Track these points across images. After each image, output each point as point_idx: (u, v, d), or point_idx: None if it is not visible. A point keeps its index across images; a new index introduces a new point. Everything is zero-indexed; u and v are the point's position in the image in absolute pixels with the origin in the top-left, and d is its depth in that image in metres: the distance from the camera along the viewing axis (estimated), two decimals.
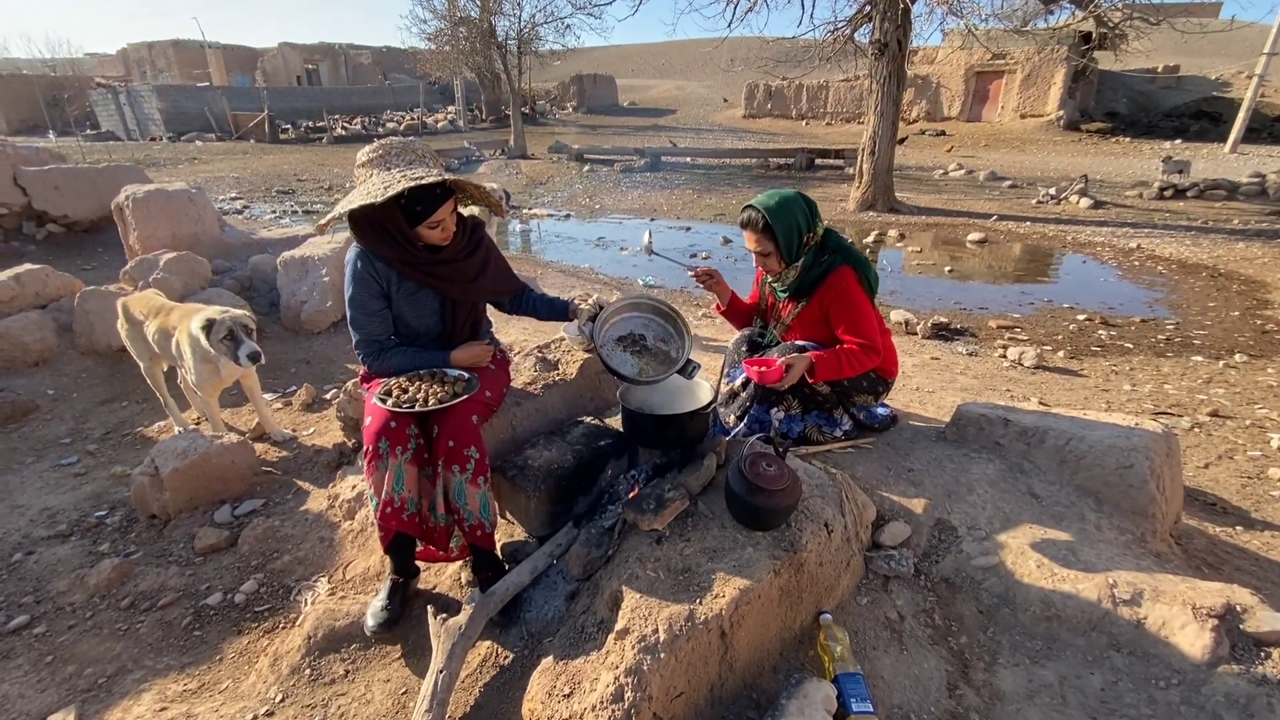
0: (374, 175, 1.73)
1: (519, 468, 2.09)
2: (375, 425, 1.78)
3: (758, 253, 2.22)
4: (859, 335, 2.14)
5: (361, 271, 1.89)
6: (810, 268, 2.20)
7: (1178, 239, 9.23)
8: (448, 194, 1.80)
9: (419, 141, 1.83)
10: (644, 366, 2.11)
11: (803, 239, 2.17)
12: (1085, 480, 2.12)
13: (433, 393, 1.83)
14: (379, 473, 1.78)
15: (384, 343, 1.99)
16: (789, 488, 1.73)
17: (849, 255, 2.19)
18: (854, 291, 2.16)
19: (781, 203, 2.14)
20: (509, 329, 4.24)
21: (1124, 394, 4.21)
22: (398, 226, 1.78)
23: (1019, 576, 1.86)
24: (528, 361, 2.60)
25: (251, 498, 2.84)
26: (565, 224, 11.26)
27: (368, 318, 1.94)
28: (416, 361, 1.98)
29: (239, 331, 2.80)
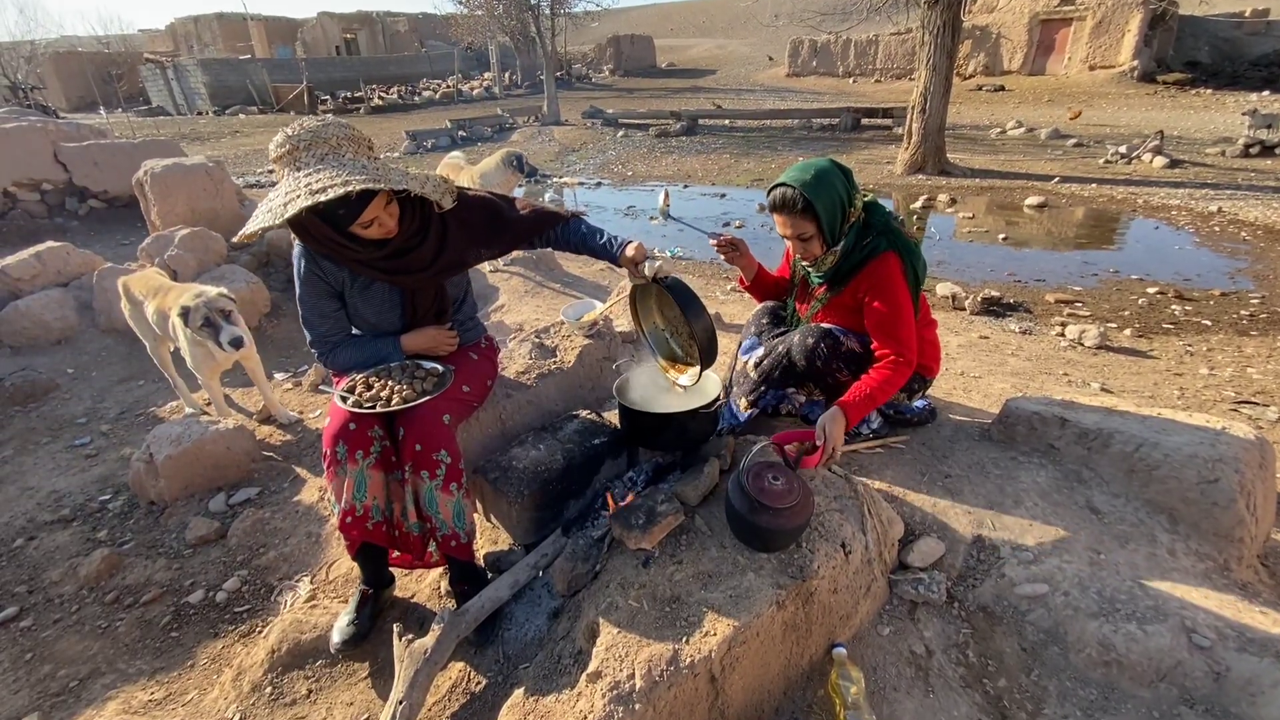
0: (285, 176, 1.50)
1: (502, 469, 1.90)
2: (333, 427, 1.60)
3: (795, 237, 1.90)
4: (892, 341, 1.84)
5: (307, 271, 1.70)
6: (850, 252, 1.90)
7: (1265, 201, 8.35)
8: (375, 193, 1.51)
9: (336, 126, 1.55)
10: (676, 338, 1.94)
11: (845, 215, 1.86)
12: (1158, 495, 1.81)
13: (398, 391, 1.64)
14: (338, 479, 1.62)
15: (337, 341, 1.81)
16: (798, 505, 1.49)
17: (895, 239, 1.87)
18: (895, 285, 1.85)
19: (818, 176, 1.81)
20: (521, 307, 4.06)
21: (1200, 379, 3.77)
22: (324, 234, 1.56)
23: (1073, 610, 1.59)
24: (523, 348, 2.40)
25: (249, 484, 2.76)
26: (596, 192, 10.95)
27: (320, 318, 1.76)
28: (366, 353, 1.80)
29: (215, 317, 2.67)
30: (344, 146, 1.50)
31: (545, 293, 4.35)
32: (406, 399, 1.62)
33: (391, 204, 1.59)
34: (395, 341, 1.82)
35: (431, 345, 1.86)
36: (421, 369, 1.78)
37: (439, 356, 1.89)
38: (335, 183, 1.41)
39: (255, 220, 1.48)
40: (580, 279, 4.92)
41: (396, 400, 1.60)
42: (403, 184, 1.49)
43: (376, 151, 1.65)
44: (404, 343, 1.83)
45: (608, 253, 1.85)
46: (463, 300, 2.01)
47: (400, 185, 1.49)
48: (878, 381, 1.82)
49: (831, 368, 1.97)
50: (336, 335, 1.81)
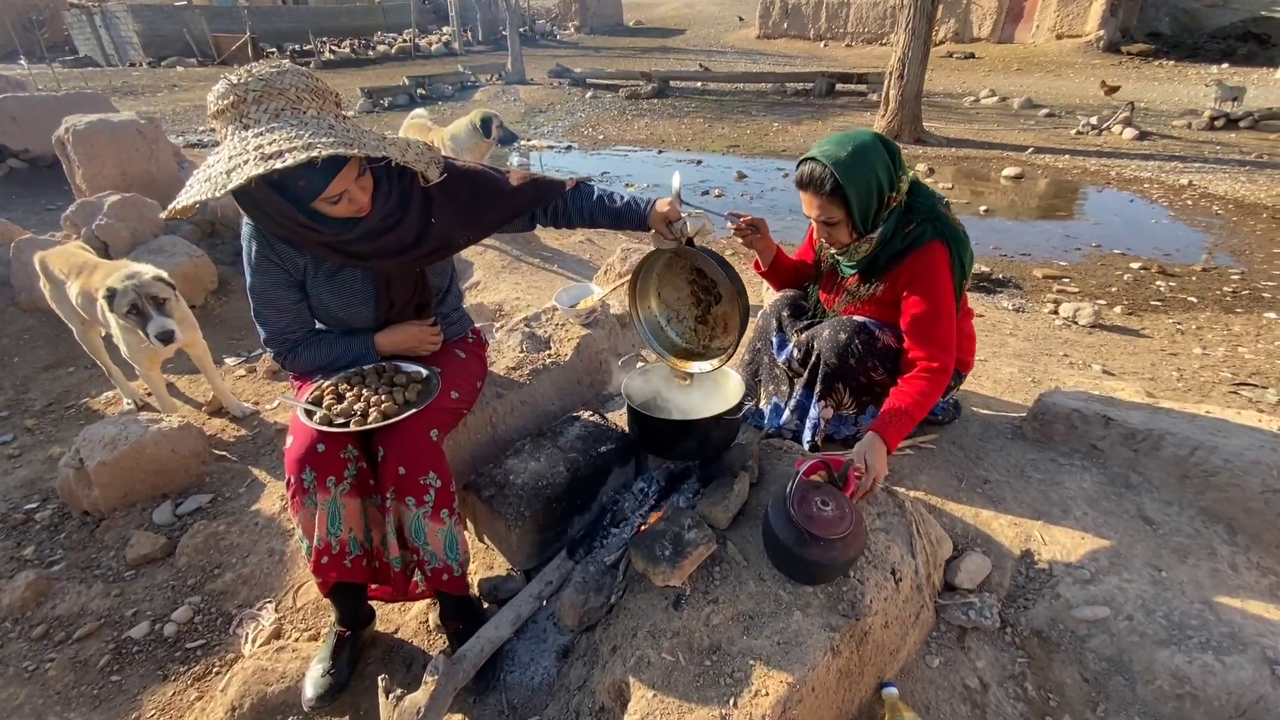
0: (229, 136, 1.19)
1: (498, 485, 1.65)
2: (298, 449, 1.33)
3: (821, 221, 1.66)
4: (930, 344, 1.63)
5: (259, 257, 1.40)
6: (889, 240, 1.66)
7: (1232, 175, 8.46)
8: (345, 159, 1.23)
9: (295, 75, 1.18)
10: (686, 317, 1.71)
11: (884, 202, 1.62)
12: (1214, 503, 1.67)
13: (376, 402, 1.37)
14: (306, 511, 1.35)
15: (298, 338, 1.52)
16: (851, 535, 1.30)
17: (942, 227, 1.63)
18: (939, 280, 1.62)
19: (856, 153, 1.56)
20: (499, 285, 3.75)
21: (1195, 359, 3.72)
22: (279, 211, 1.26)
23: (1138, 636, 1.45)
24: (512, 338, 2.13)
25: (200, 491, 2.45)
26: (567, 157, 10.49)
27: (276, 312, 1.47)
28: (334, 353, 1.53)
29: (144, 304, 2.31)
30: (305, 101, 1.19)
31: (524, 268, 4.04)
32: (387, 413, 1.35)
33: (364, 175, 1.30)
34: (369, 340, 1.54)
35: (412, 344, 1.59)
36: (402, 373, 1.51)
37: (421, 357, 1.62)
38: (294, 146, 1.11)
39: (189, 191, 1.17)
40: (560, 252, 4.61)
41: (375, 415, 1.34)
42: (380, 150, 1.20)
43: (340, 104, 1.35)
44: (379, 342, 1.55)
45: (634, 214, 1.59)
46: (447, 289, 1.73)
47: (377, 152, 1.19)
48: (914, 395, 1.60)
49: (866, 366, 1.77)
50: (296, 332, 1.52)
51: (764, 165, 9.32)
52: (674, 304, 1.77)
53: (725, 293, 1.62)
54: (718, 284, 1.63)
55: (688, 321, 1.75)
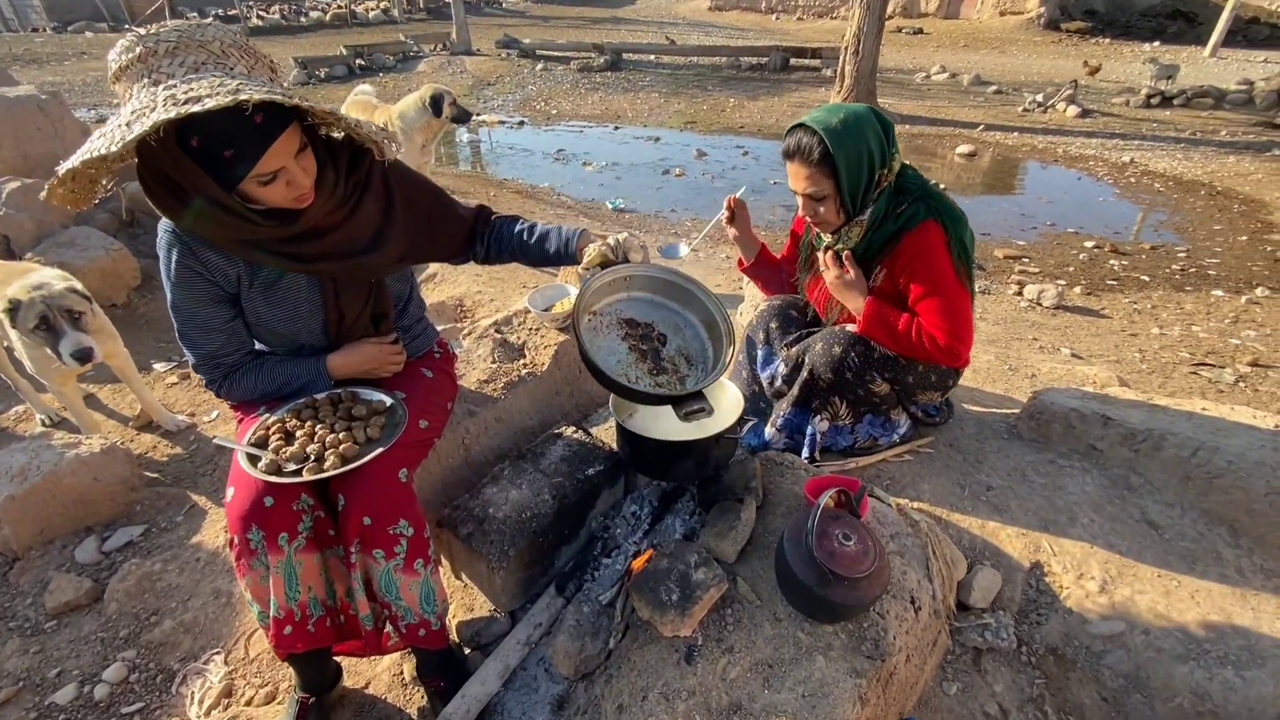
0: (134, 95, 0.98)
1: (476, 521, 1.48)
2: (241, 504, 1.13)
3: (807, 195, 1.56)
4: (944, 323, 1.55)
5: (181, 267, 1.18)
6: (881, 222, 1.56)
7: (1169, 152, 8.79)
8: (282, 123, 1.03)
9: (219, 29, 1.04)
10: (641, 377, 1.39)
11: (874, 178, 1.52)
12: (1218, 505, 1.65)
13: (332, 442, 1.18)
14: (254, 574, 1.16)
15: (234, 362, 1.31)
16: (876, 571, 1.19)
17: (935, 204, 1.54)
18: (938, 261, 1.53)
19: (848, 121, 1.46)
20: (458, 276, 3.51)
21: (1154, 339, 3.81)
22: (200, 188, 1.02)
23: (1155, 651, 1.41)
24: (483, 347, 1.94)
25: (129, 522, 2.19)
26: (519, 133, 10.07)
27: (204, 332, 1.25)
28: (279, 379, 1.32)
29: (57, 318, 2.02)
30: (233, 57, 1.00)
31: (489, 265, 3.80)
32: (346, 456, 1.16)
33: (306, 153, 1.10)
34: (319, 363, 1.34)
35: (371, 366, 1.39)
36: (361, 403, 1.31)
37: (382, 379, 1.43)
38: (219, 91, 0.91)
39: (80, 152, 0.95)
40: None
41: (332, 459, 1.14)
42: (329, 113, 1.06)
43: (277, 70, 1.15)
44: (332, 365, 1.35)
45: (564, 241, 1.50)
46: (408, 298, 1.53)
47: (326, 112, 1.05)
48: (913, 336, 1.58)
49: (865, 379, 1.67)
50: (231, 354, 1.30)
51: (723, 143, 9.16)
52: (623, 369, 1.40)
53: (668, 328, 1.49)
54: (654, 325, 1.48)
55: (644, 380, 1.41)
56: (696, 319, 1.52)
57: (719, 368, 1.39)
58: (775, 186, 7.14)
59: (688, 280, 1.51)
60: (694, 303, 1.51)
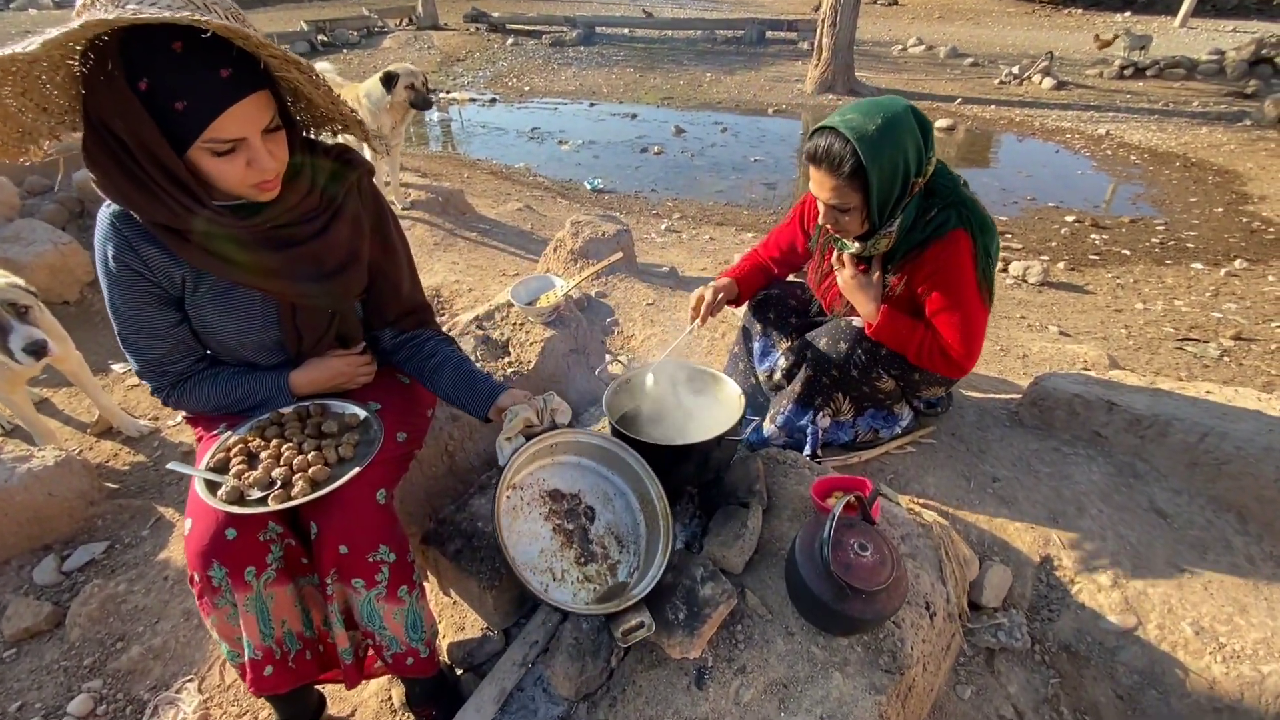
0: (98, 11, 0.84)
1: (465, 536, 1.39)
2: (201, 538, 1.02)
3: (832, 205, 1.42)
4: (958, 340, 1.48)
5: (119, 265, 1.04)
6: (910, 230, 1.44)
7: (1143, 124, 8.84)
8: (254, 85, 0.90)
9: None
10: (568, 569, 1.25)
11: (908, 187, 1.39)
12: (1226, 491, 1.62)
13: (301, 464, 1.07)
14: (220, 613, 1.05)
15: (184, 370, 1.17)
16: (895, 582, 1.13)
17: (968, 212, 1.42)
18: (963, 275, 1.43)
19: (887, 128, 1.30)
20: (434, 265, 3.36)
21: (1139, 315, 3.81)
22: (147, 143, 0.87)
23: (1170, 646, 1.37)
24: (464, 345, 1.82)
25: (90, 539, 2.05)
26: (491, 111, 9.77)
27: (148, 338, 1.11)
28: (236, 392, 1.19)
29: (1, 314, 1.86)
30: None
31: (460, 244, 3.65)
32: (317, 480, 1.05)
33: (278, 135, 0.98)
34: (280, 379, 1.21)
35: (338, 381, 1.27)
36: (332, 417, 1.20)
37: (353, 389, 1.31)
38: (175, 4, 0.80)
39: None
40: (498, 223, 4.21)
41: (301, 483, 1.03)
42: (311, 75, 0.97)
43: None
44: (295, 383, 1.22)
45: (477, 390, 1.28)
46: None
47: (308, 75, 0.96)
48: (924, 352, 1.52)
49: (871, 376, 1.59)
50: (179, 361, 1.16)
51: (701, 119, 8.99)
52: (546, 560, 1.26)
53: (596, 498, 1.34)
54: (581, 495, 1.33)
55: (571, 573, 1.26)
56: (627, 486, 1.38)
57: (655, 566, 1.21)
58: (755, 164, 7.03)
59: (618, 445, 1.36)
60: (624, 469, 1.37)
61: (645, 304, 2.75)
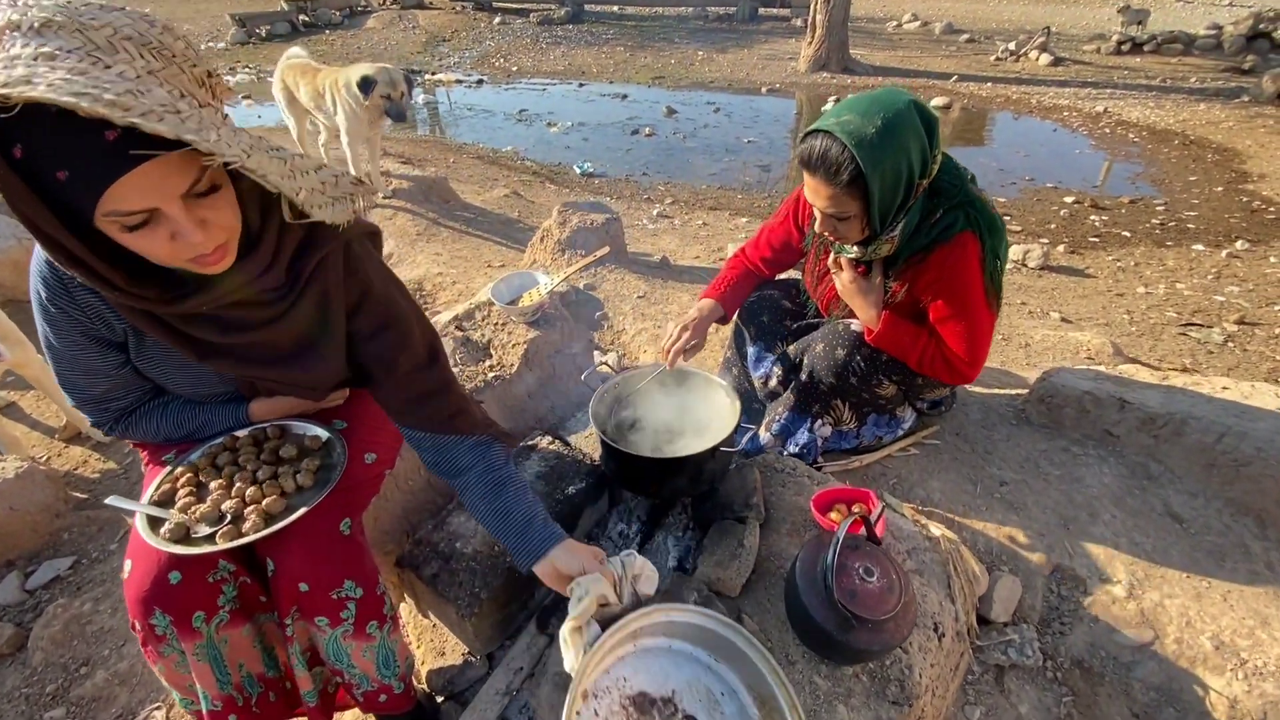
0: None
1: (442, 558, 1.30)
2: (140, 583, 0.92)
3: (829, 214, 1.31)
4: (963, 349, 1.38)
5: (52, 308, 0.90)
6: (914, 234, 1.33)
7: (1141, 100, 8.72)
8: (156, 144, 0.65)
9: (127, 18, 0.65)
10: None
11: (913, 191, 1.27)
12: (1244, 494, 1.55)
13: (254, 496, 0.97)
14: (167, 661, 0.96)
15: (129, 405, 1.06)
16: (904, 608, 1.05)
17: (975, 213, 1.30)
18: (970, 283, 1.33)
19: (888, 130, 1.17)
20: (416, 256, 3.23)
21: (1141, 299, 3.74)
22: (38, 227, 0.69)
23: (1188, 662, 1.31)
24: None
25: (55, 554, 1.96)
26: (478, 92, 9.55)
27: (88, 377, 0.99)
28: (190, 424, 1.08)
29: None
30: (123, 53, 0.65)
31: (443, 234, 3.52)
32: (271, 513, 0.95)
33: (214, 198, 0.75)
34: (239, 410, 1.10)
35: (306, 409, 1.16)
36: (291, 440, 1.10)
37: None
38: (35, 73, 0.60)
39: None
40: (484, 211, 4.08)
41: (254, 517, 0.94)
42: (233, 154, 0.68)
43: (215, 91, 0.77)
44: (256, 412, 1.11)
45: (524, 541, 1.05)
46: None
47: (230, 155, 0.67)
48: (925, 361, 1.43)
49: (871, 383, 1.50)
50: (123, 397, 1.04)
51: (693, 99, 8.80)
52: None
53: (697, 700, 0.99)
54: (676, 698, 0.99)
55: None
56: (738, 680, 1.01)
57: None
58: (749, 145, 6.88)
59: (725, 624, 1.01)
60: (733, 655, 1.01)
61: (636, 296, 2.64)
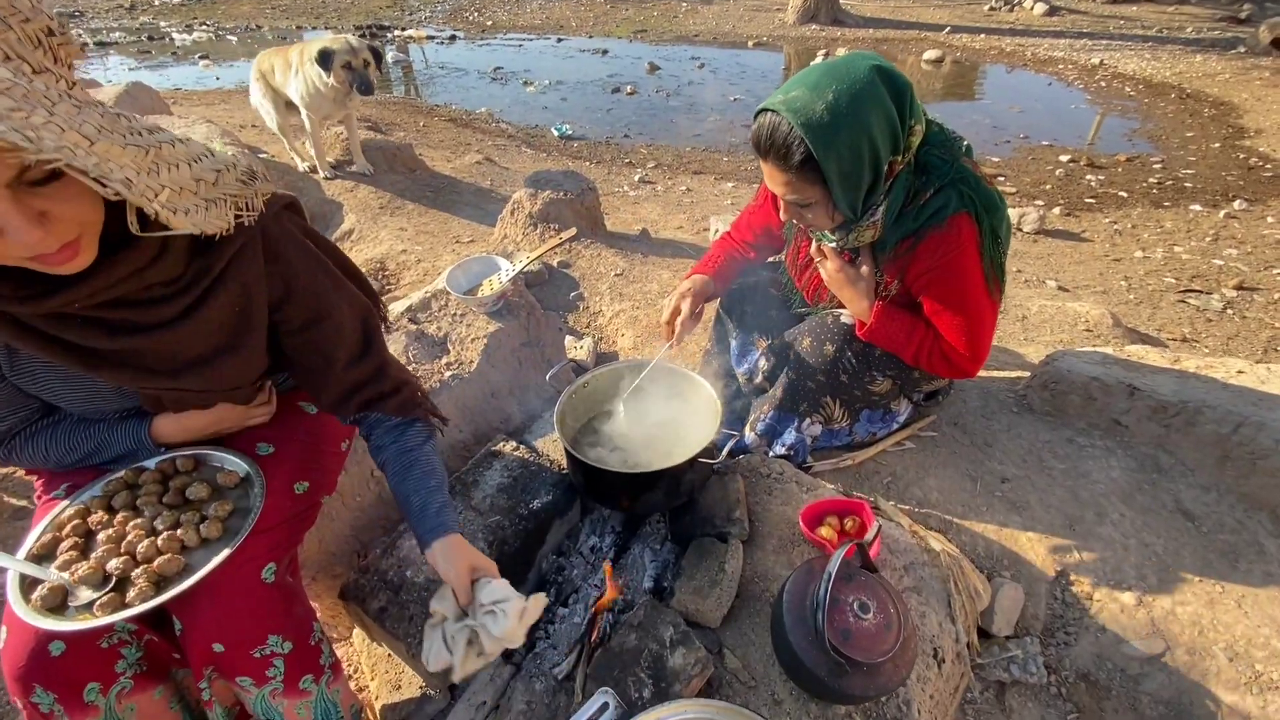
0: None
1: (391, 589, 1.17)
2: (15, 656, 0.78)
3: (790, 201, 1.16)
4: (963, 344, 1.24)
5: None
6: (899, 218, 1.17)
7: (1137, 51, 8.47)
8: None
9: None
10: None
11: (881, 173, 1.11)
12: (1260, 489, 1.44)
13: (149, 550, 0.82)
14: None
15: (9, 427, 0.90)
16: (902, 646, 0.93)
17: (972, 190, 1.14)
18: (967, 266, 1.17)
19: (839, 107, 1.01)
20: (379, 233, 3.00)
21: (1137, 264, 3.62)
22: None
23: (1200, 675, 1.22)
24: (393, 343, 1.55)
25: None
26: (451, 49, 9.09)
27: None
28: (79, 449, 0.93)
29: None
30: None
31: (408, 207, 3.30)
32: (164, 575, 0.80)
33: (54, 186, 0.61)
34: (140, 429, 0.95)
35: (225, 428, 1.01)
36: (203, 477, 0.95)
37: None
38: None
39: None
40: (454, 180, 3.84)
41: (141, 582, 0.78)
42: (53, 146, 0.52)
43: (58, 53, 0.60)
44: (161, 432, 0.96)
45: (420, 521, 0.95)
46: None
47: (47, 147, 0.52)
48: (923, 356, 1.29)
49: (864, 380, 1.37)
50: (4, 419, 0.90)
51: (677, 54, 8.43)
52: None
53: None
54: None
55: None
56: None
57: None
58: (735, 104, 6.59)
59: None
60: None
61: (614, 274, 2.48)
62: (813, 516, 1.20)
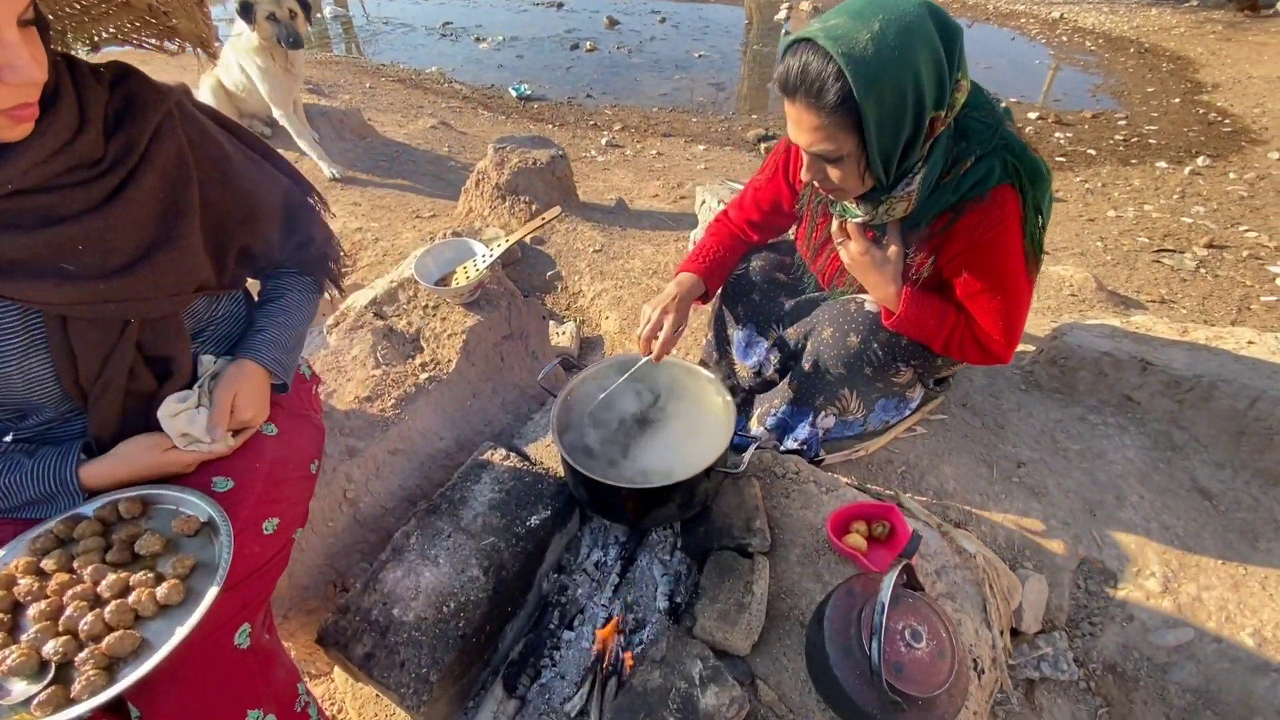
0: None
1: (377, 630, 1.03)
2: None
3: (816, 153, 1.00)
4: (999, 330, 1.12)
5: None
6: (936, 189, 1.03)
7: (1095, 6, 8.49)
8: None
9: None
10: None
11: (921, 129, 0.96)
12: (1277, 464, 1.42)
13: (95, 630, 0.67)
14: None
15: None
16: (957, 677, 0.85)
17: (1017, 159, 1.01)
18: (1010, 245, 1.05)
19: (888, 36, 0.86)
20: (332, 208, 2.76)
21: (1111, 223, 3.62)
22: None
23: (1228, 661, 1.19)
24: (357, 345, 1.38)
25: None
26: (396, 2, 8.49)
27: None
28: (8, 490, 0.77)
29: None
30: None
31: (360, 178, 3.02)
32: (117, 657, 0.66)
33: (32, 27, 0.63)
34: (65, 468, 0.78)
35: (145, 477, 0.84)
36: (152, 528, 0.79)
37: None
38: None
39: None
40: (408, 148, 3.55)
41: (89, 670, 0.64)
42: None
43: None
44: (90, 478, 0.80)
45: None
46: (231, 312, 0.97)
47: None
48: (954, 345, 1.18)
49: (887, 372, 1.26)
50: None
51: (636, 6, 8.06)
52: None
53: None
54: None
55: None
56: None
57: None
58: (700, 60, 6.34)
59: None
60: None
61: (592, 250, 2.31)
62: (840, 523, 1.11)
